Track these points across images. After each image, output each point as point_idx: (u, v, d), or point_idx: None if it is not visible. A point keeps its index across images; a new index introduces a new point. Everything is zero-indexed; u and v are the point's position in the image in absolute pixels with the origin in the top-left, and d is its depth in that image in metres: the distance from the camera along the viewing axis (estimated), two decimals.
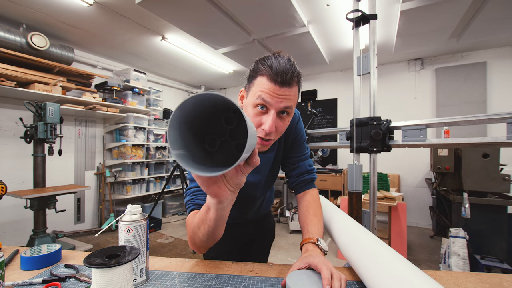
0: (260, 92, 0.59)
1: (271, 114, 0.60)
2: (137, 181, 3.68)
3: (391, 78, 3.90)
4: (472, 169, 2.32)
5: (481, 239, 2.14)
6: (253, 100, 0.61)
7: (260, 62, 0.62)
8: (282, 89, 0.58)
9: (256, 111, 0.61)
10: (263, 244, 1.02)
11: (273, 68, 0.58)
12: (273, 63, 0.59)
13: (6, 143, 2.68)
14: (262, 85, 0.59)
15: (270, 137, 0.62)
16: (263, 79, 0.59)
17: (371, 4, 1.42)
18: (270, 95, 0.58)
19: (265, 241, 1.03)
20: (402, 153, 3.54)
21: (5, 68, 2.33)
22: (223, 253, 0.87)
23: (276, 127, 0.62)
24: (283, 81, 0.58)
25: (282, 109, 0.60)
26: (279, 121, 0.62)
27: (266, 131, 0.60)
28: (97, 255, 0.46)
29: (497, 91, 3.26)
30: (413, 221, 3.72)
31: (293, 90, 0.61)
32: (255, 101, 0.60)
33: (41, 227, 2.32)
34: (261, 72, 0.60)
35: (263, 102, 0.59)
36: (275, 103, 0.59)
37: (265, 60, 0.61)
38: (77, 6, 2.36)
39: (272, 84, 0.58)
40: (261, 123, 0.61)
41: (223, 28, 2.52)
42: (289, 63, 0.59)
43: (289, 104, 0.60)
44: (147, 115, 3.83)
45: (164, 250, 2.84)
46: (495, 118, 1.11)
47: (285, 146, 0.83)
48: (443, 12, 2.28)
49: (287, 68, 0.58)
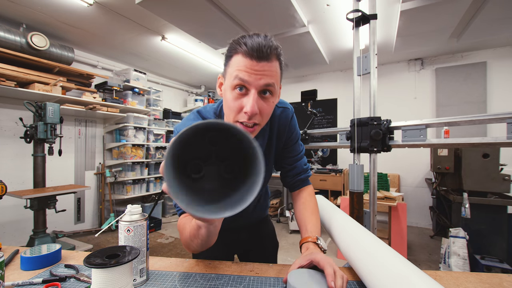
0: (237, 72, 0.54)
1: (252, 94, 0.54)
2: (137, 181, 3.68)
3: (391, 78, 3.90)
4: (472, 169, 2.32)
5: (481, 239, 2.14)
6: (230, 82, 0.56)
7: (234, 41, 0.57)
8: (260, 63, 0.53)
9: (235, 94, 0.56)
10: (263, 253, 0.96)
11: (247, 43, 0.53)
12: (247, 40, 0.54)
13: (6, 143, 2.68)
14: (238, 63, 0.54)
15: (255, 121, 0.57)
16: (238, 57, 0.54)
17: (371, 4, 1.42)
18: (248, 72, 0.53)
19: (264, 250, 0.97)
20: (402, 153, 3.54)
21: (5, 68, 2.33)
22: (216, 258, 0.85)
23: (260, 109, 0.56)
24: (261, 55, 0.53)
25: (263, 87, 0.55)
26: (262, 102, 0.56)
27: (248, 113, 0.54)
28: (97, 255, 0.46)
29: (497, 91, 3.26)
30: (413, 221, 3.72)
31: (273, 65, 0.55)
32: (232, 82, 0.55)
33: (41, 227, 2.32)
34: (235, 50, 0.55)
35: (241, 82, 0.54)
36: (254, 80, 0.54)
37: (239, 39, 0.56)
38: (77, 6, 2.36)
39: (248, 60, 0.53)
40: (242, 106, 0.56)
41: (223, 28, 2.52)
42: (264, 38, 0.55)
43: (270, 81, 0.55)
44: (147, 115, 3.83)
45: (164, 250, 2.84)
46: (495, 118, 1.11)
47: (278, 144, 0.78)
48: (443, 12, 2.28)
49: (262, 42, 0.53)
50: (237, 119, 0.58)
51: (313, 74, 4.55)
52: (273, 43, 0.55)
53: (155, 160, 3.95)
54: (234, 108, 0.56)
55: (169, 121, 4.28)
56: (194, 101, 4.90)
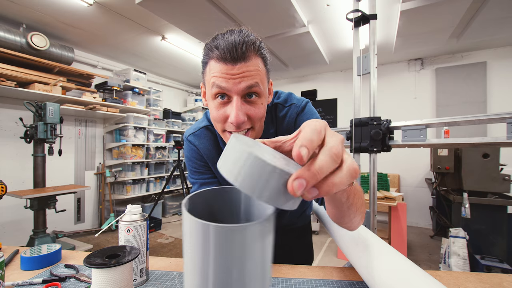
0: (214, 79, 0.49)
1: (234, 101, 0.49)
2: (137, 181, 3.68)
3: (391, 78, 3.90)
4: (472, 169, 2.32)
5: (481, 239, 2.14)
6: (210, 91, 0.51)
7: (206, 45, 0.52)
8: (237, 65, 0.47)
9: (216, 104, 0.51)
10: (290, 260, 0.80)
11: (219, 47, 0.47)
12: (220, 41, 0.48)
13: (6, 143, 2.68)
14: (212, 70, 0.49)
15: (245, 127, 0.52)
16: (211, 62, 0.49)
17: (371, 4, 1.42)
18: (224, 78, 0.48)
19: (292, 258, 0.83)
20: (402, 153, 3.54)
21: (5, 68, 2.33)
22: None
23: (248, 114, 0.51)
24: (235, 57, 0.47)
25: (245, 90, 0.49)
26: (249, 107, 0.51)
27: (233, 123, 0.50)
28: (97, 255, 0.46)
29: (497, 91, 3.26)
30: (413, 221, 3.72)
31: (252, 63, 0.49)
32: (211, 91, 0.50)
33: (41, 227, 2.32)
34: (208, 56, 0.50)
35: (220, 90, 0.49)
36: (233, 86, 0.48)
37: (211, 42, 0.51)
38: (77, 6, 2.36)
39: (222, 65, 0.48)
40: (226, 115, 0.51)
41: (223, 28, 2.51)
42: (239, 34, 0.48)
43: (251, 82, 0.48)
44: (147, 115, 3.83)
45: (164, 250, 2.84)
46: (495, 118, 1.11)
47: None
48: (443, 12, 2.28)
49: (236, 40, 0.47)
50: (225, 128, 0.54)
51: (313, 74, 4.55)
52: (248, 38, 0.48)
53: (155, 160, 3.95)
54: (218, 118, 0.53)
55: (169, 121, 4.28)
56: (194, 101, 4.90)
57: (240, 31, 0.50)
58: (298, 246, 0.88)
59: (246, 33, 0.49)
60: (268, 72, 0.56)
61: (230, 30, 0.51)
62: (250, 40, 0.49)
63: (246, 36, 0.48)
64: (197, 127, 0.71)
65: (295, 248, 0.87)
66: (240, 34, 0.49)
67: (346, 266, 0.66)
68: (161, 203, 4.07)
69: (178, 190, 4.44)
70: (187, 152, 0.72)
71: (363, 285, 0.55)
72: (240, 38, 0.47)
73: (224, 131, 0.55)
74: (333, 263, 2.49)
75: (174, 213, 4.30)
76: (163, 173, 4.13)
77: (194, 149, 0.70)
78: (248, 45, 0.48)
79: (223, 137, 0.57)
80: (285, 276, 0.60)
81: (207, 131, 0.70)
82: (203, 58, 0.53)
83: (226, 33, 0.50)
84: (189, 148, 0.71)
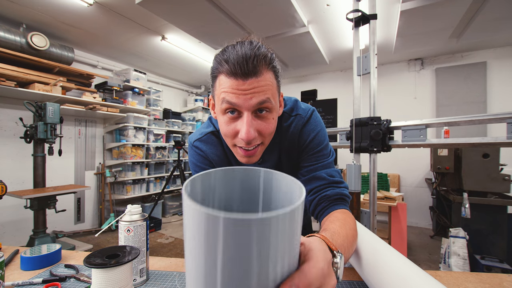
0: (224, 94, 0.48)
1: (245, 117, 0.48)
2: (137, 181, 3.68)
3: (391, 78, 3.90)
4: (472, 169, 2.32)
5: (481, 239, 2.14)
6: (220, 106, 0.50)
7: (216, 58, 0.51)
8: (247, 81, 0.46)
9: (226, 119, 0.50)
10: None
11: (229, 60, 0.46)
12: (230, 53, 0.47)
13: (6, 143, 2.68)
14: (222, 85, 0.48)
15: (256, 143, 0.51)
16: (221, 77, 0.48)
17: (371, 4, 1.42)
18: (235, 94, 0.47)
19: None
20: (402, 153, 3.54)
21: (5, 68, 2.33)
22: None
23: (259, 130, 0.50)
24: (246, 72, 0.45)
25: (256, 106, 0.48)
26: (260, 122, 0.50)
27: (244, 139, 0.49)
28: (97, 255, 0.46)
29: (497, 91, 3.26)
30: (413, 221, 3.72)
31: (264, 78, 0.47)
32: (221, 106, 0.50)
33: (41, 227, 2.32)
34: (218, 70, 0.49)
35: (230, 105, 0.48)
36: (244, 102, 0.47)
37: (221, 54, 0.49)
38: (77, 6, 2.36)
39: (233, 80, 0.46)
40: (237, 130, 0.50)
41: (223, 28, 2.52)
42: (250, 47, 0.46)
43: (262, 98, 0.47)
44: (147, 115, 3.83)
45: (164, 250, 2.84)
46: (495, 118, 1.11)
47: (290, 159, 0.65)
48: (443, 12, 2.28)
49: (247, 54, 0.45)
50: (235, 143, 0.53)
51: (313, 74, 4.55)
52: (259, 52, 0.46)
53: (155, 160, 3.95)
54: (228, 133, 0.52)
55: (169, 121, 4.28)
56: (194, 101, 4.90)
57: (251, 42, 0.48)
58: None
59: (257, 45, 0.47)
60: (279, 84, 0.54)
61: (241, 42, 0.49)
62: (261, 53, 0.47)
63: (257, 49, 0.47)
64: (203, 133, 0.69)
65: None
66: (251, 46, 0.47)
67: (346, 266, 0.66)
68: (161, 203, 4.07)
69: (178, 190, 4.44)
70: (193, 158, 0.70)
71: (363, 285, 0.55)
72: (251, 52, 0.46)
73: (234, 146, 0.54)
74: None
75: (174, 213, 4.30)
76: (163, 173, 4.13)
77: (201, 155, 0.69)
78: (259, 59, 0.46)
79: (233, 151, 0.57)
80: None
81: (213, 136, 0.68)
82: (213, 71, 0.52)
83: (237, 45, 0.48)
84: (196, 154, 0.69)
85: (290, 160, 0.66)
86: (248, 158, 0.54)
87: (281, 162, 0.67)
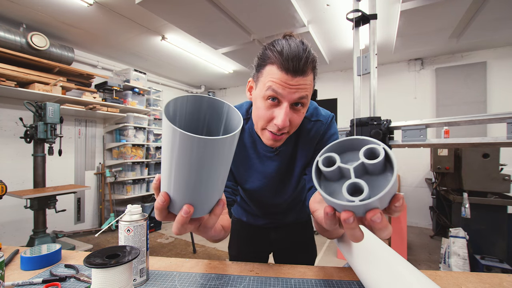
0: (271, 83, 0.53)
1: (284, 107, 0.54)
2: (137, 181, 3.68)
3: (391, 78, 3.90)
4: (472, 169, 2.32)
5: (481, 239, 2.14)
6: (263, 92, 0.55)
7: (268, 48, 0.55)
8: (295, 78, 0.52)
9: (267, 104, 0.56)
10: (294, 257, 0.92)
11: (283, 54, 0.51)
12: (284, 48, 0.51)
13: (6, 143, 2.68)
14: (272, 74, 0.53)
15: (284, 131, 0.57)
16: (272, 68, 0.53)
17: (371, 4, 1.42)
18: (282, 86, 0.52)
19: (296, 254, 0.93)
20: (402, 153, 3.54)
21: (5, 68, 2.33)
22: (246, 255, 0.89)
23: (290, 120, 0.56)
24: (296, 69, 0.51)
25: (296, 100, 0.54)
26: (293, 114, 0.56)
27: (279, 126, 0.54)
28: (97, 255, 0.46)
29: (497, 91, 3.26)
30: (413, 221, 3.72)
31: (308, 78, 0.53)
32: (265, 93, 0.54)
33: (41, 227, 2.32)
34: (270, 60, 0.54)
35: (275, 94, 0.53)
36: (287, 94, 0.53)
37: (274, 45, 0.54)
38: (77, 6, 2.36)
39: (283, 74, 0.51)
40: (273, 116, 0.56)
41: (223, 28, 2.52)
42: (302, 47, 0.52)
43: (303, 94, 0.54)
44: (147, 115, 3.84)
45: (164, 250, 2.84)
46: (495, 118, 1.11)
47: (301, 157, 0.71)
48: (443, 12, 2.28)
49: (300, 54, 0.51)
50: (265, 127, 0.59)
51: None
52: (310, 55, 0.52)
53: (155, 160, 3.95)
54: (264, 117, 0.57)
55: None
56: None
57: (302, 42, 0.53)
58: (304, 237, 0.96)
59: (307, 48, 0.53)
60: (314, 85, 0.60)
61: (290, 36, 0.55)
62: (312, 57, 0.53)
63: (308, 52, 0.52)
64: None
65: (301, 238, 0.95)
66: (303, 46, 0.52)
67: (346, 266, 0.66)
68: None
69: None
70: None
71: (363, 286, 0.55)
72: (303, 53, 0.51)
73: (264, 129, 0.59)
74: (333, 263, 2.49)
75: None
76: None
77: None
78: (309, 61, 0.52)
79: (260, 134, 0.62)
80: (285, 276, 0.60)
81: None
82: (261, 58, 0.57)
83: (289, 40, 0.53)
84: None
85: (303, 158, 0.72)
86: (275, 142, 0.60)
87: (295, 157, 0.72)
